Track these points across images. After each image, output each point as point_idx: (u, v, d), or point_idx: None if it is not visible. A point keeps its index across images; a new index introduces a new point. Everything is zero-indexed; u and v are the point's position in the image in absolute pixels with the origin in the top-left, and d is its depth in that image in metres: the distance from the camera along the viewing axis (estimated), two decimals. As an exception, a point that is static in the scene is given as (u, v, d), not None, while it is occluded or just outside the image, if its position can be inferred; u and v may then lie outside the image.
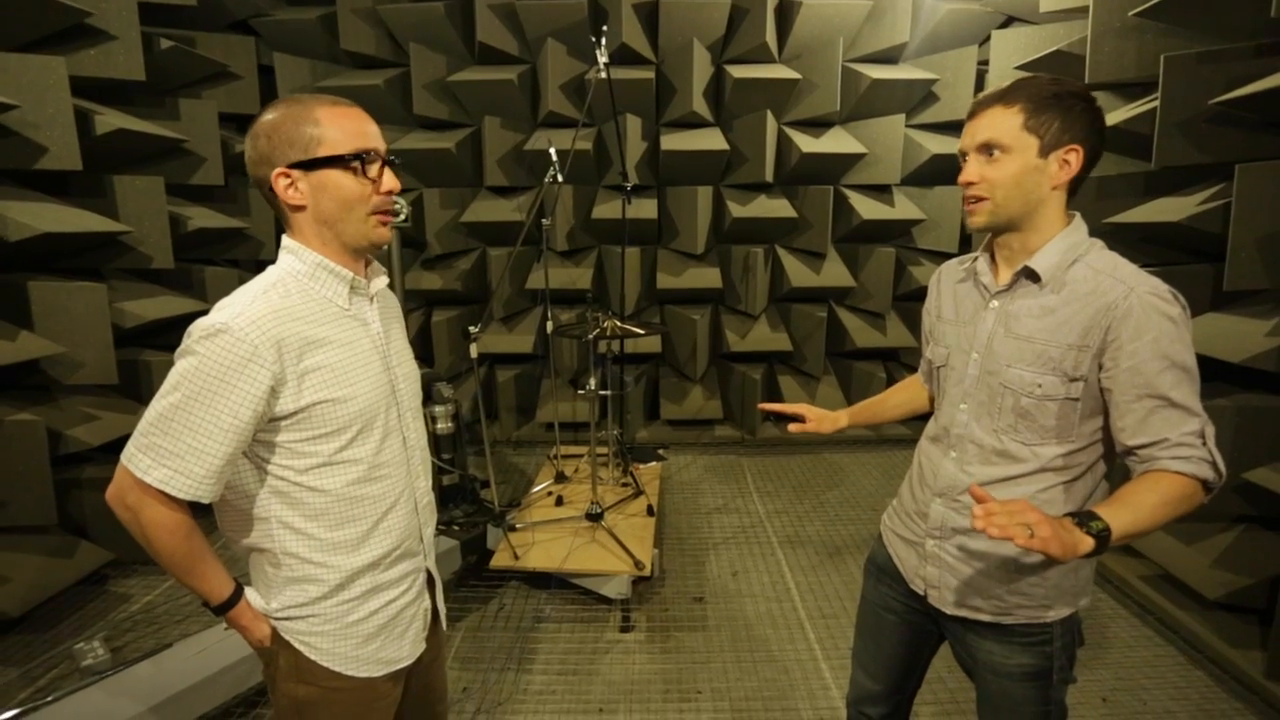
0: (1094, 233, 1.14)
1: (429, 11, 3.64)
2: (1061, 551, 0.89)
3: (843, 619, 2.54)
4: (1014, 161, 1.08)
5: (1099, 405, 1.09)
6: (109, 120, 2.63)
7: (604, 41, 2.78)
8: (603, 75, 2.84)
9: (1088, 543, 0.92)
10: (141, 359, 2.89)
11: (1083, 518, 0.95)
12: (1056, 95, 1.06)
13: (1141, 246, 2.59)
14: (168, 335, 3.09)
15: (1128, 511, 0.97)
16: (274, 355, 0.96)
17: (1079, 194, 1.15)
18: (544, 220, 3.07)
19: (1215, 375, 2.33)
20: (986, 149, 1.10)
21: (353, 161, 1.02)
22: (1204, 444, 1.02)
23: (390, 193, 1.06)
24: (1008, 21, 3.66)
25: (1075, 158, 1.07)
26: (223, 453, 0.96)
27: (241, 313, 0.96)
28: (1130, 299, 1.03)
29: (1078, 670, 2.18)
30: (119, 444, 2.91)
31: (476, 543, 2.76)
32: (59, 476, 2.48)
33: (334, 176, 1.02)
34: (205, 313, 1.01)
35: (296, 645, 1.09)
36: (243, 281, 1.06)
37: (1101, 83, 2.68)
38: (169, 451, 0.95)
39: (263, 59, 3.63)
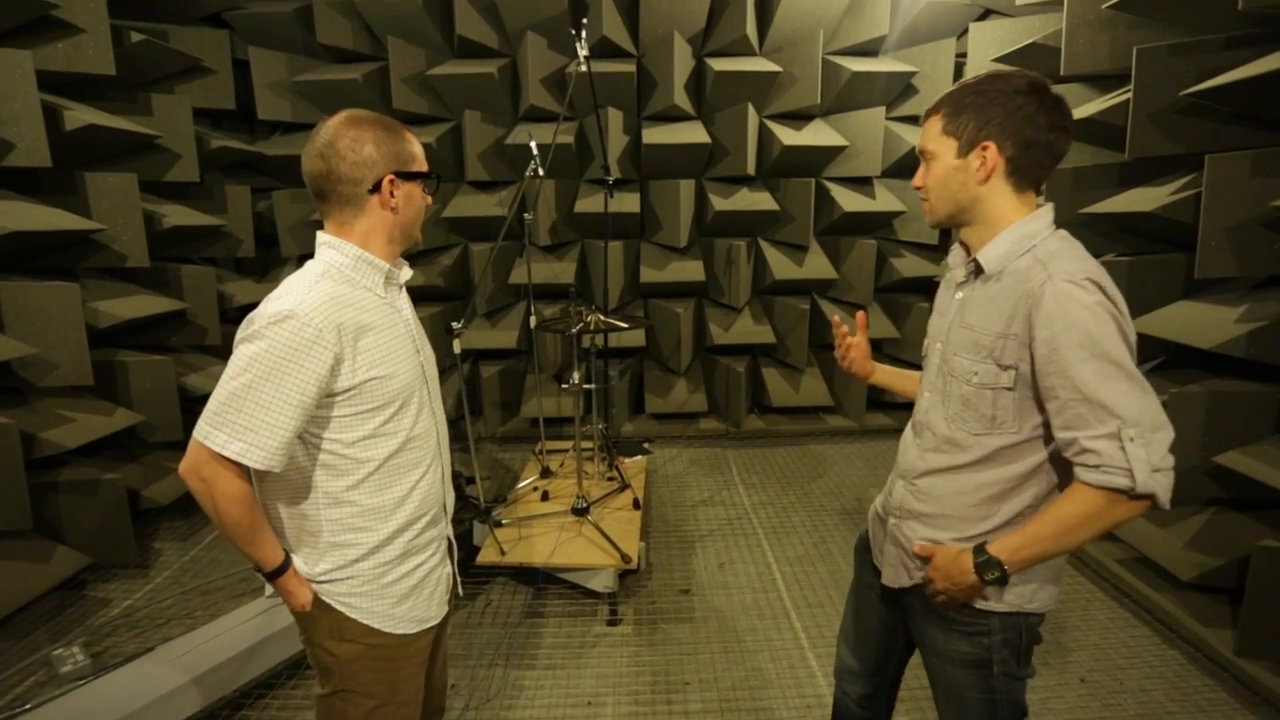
0: (1069, 223, 1.16)
1: (407, 4, 3.59)
2: (965, 597, 1.15)
3: (828, 608, 2.57)
4: (939, 166, 1.15)
5: (1039, 398, 1.08)
6: (79, 115, 2.58)
7: (584, 34, 2.77)
8: (583, 68, 2.82)
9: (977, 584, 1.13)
10: (117, 359, 2.84)
11: (981, 566, 1.11)
12: (978, 93, 1.09)
13: (1117, 236, 2.64)
14: (144, 335, 3.04)
15: (1021, 538, 1.09)
16: (335, 337, 1.08)
17: (1054, 183, 1.16)
18: (526, 215, 3.06)
19: (1187, 361, 2.38)
20: (922, 156, 1.19)
21: (429, 178, 1.23)
22: (1121, 448, 0.98)
23: (429, 204, 1.27)
24: (985, 14, 3.70)
25: (989, 154, 1.08)
26: (292, 426, 1.07)
27: (303, 299, 1.07)
28: (1045, 286, 1.02)
29: (1057, 654, 2.22)
30: (95, 446, 2.89)
31: (463, 539, 2.75)
32: (34, 480, 2.43)
33: (418, 190, 1.21)
34: (183, 313, 1.03)
35: (337, 606, 1.19)
36: (221, 280, 1.09)
37: (1076, 75, 2.72)
38: (244, 427, 1.04)
39: (237, 53, 3.57)
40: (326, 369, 1.07)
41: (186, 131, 3.13)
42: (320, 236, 1.19)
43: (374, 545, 1.19)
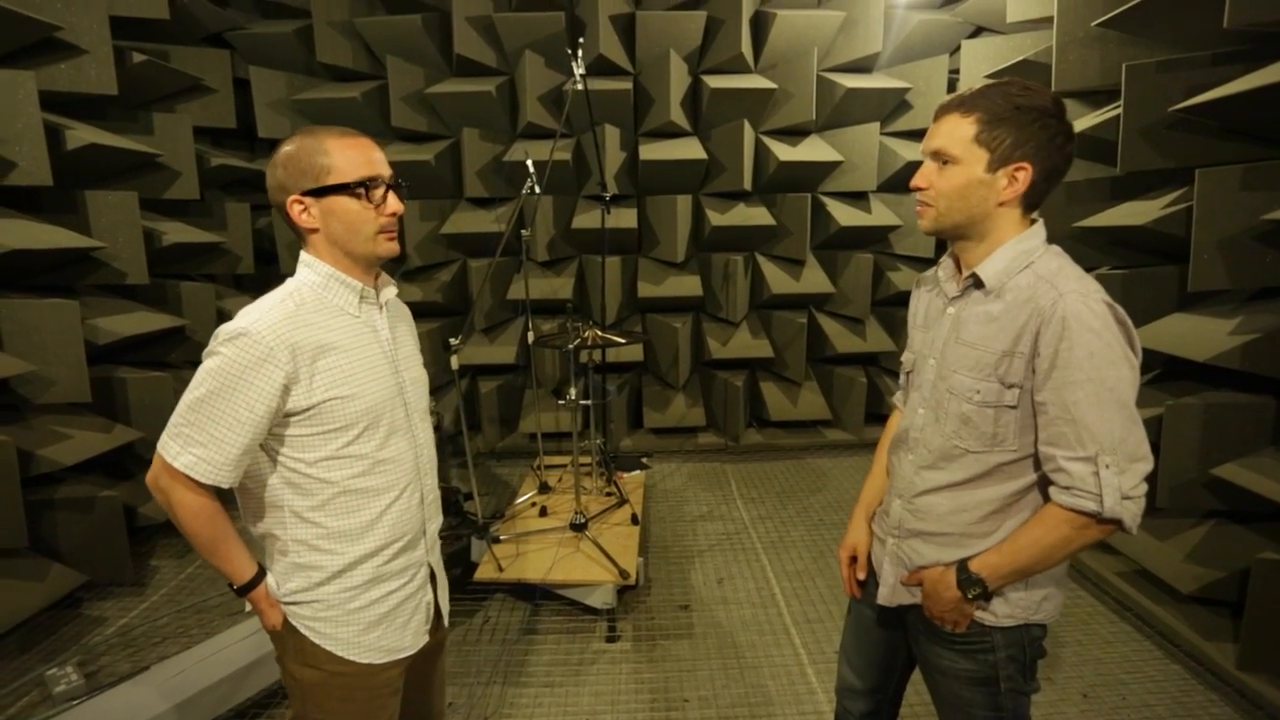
0: (1063, 237, 1.15)
1: (406, 24, 3.64)
2: (954, 616, 1.16)
3: (828, 623, 2.56)
4: (961, 174, 1.08)
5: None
6: (80, 135, 2.60)
7: (581, 53, 2.80)
8: (580, 86, 2.86)
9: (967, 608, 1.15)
10: (116, 376, 2.84)
11: (963, 583, 1.13)
12: (1017, 109, 1.04)
13: (1110, 249, 2.65)
14: (143, 352, 3.04)
15: (999, 556, 1.11)
16: (287, 356, 1.06)
17: (1048, 199, 1.16)
18: (523, 231, 3.08)
19: (1182, 374, 2.39)
20: (939, 157, 1.10)
21: (358, 188, 1.12)
22: (1095, 473, 1.00)
23: (394, 215, 1.17)
24: (977, 31, 3.75)
25: (1024, 175, 1.05)
26: (240, 443, 1.05)
27: (260, 318, 1.06)
28: (1057, 305, 1.01)
29: (1059, 669, 2.21)
30: (92, 464, 2.88)
31: (460, 555, 2.74)
32: (30, 497, 2.43)
33: (342, 202, 1.12)
34: (181, 330, 1.04)
35: (302, 630, 1.16)
36: (220, 297, 1.10)
37: (1067, 90, 2.75)
38: (195, 440, 1.05)
39: (238, 72, 3.61)
40: (276, 388, 1.05)
41: (187, 150, 3.16)
42: (301, 255, 1.18)
43: (339, 569, 1.15)
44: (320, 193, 1.11)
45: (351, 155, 1.12)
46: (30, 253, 2.39)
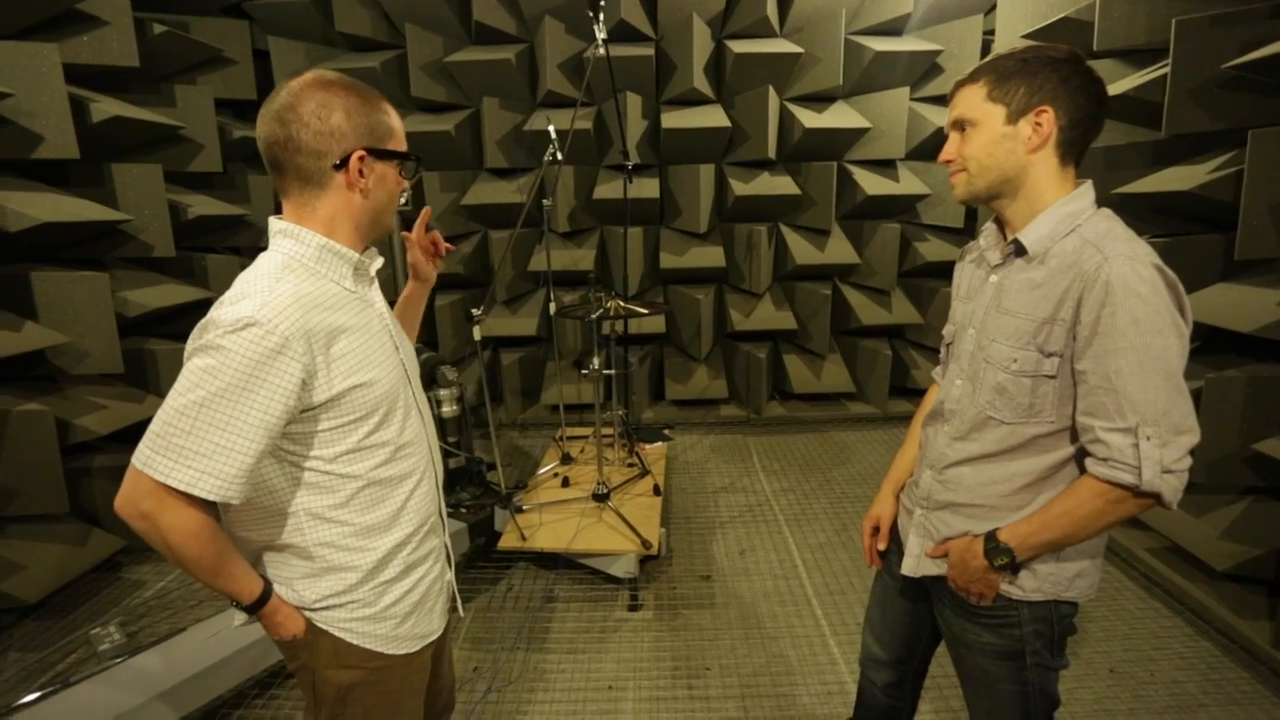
0: (1102, 203, 1.10)
1: (424, -10, 3.59)
2: (979, 586, 1.15)
3: (849, 595, 2.56)
4: (983, 132, 1.08)
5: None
6: (105, 108, 2.61)
7: (602, 18, 2.74)
8: (601, 53, 2.79)
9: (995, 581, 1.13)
10: (146, 348, 2.90)
11: (990, 552, 1.11)
12: (1023, 62, 1.05)
13: (1151, 217, 2.55)
14: (172, 324, 3.09)
15: (1029, 526, 1.08)
16: (304, 346, 0.93)
17: (1085, 162, 1.12)
18: (545, 201, 3.05)
19: (1225, 345, 2.31)
20: (959, 126, 1.12)
21: (408, 160, 1.07)
22: (1134, 444, 0.97)
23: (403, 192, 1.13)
24: (1014, -11, 3.58)
25: (1046, 119, 1.04)
26: (254, 450, 0.92)
27: (266, 302, 0.92)
28: (1101, 269, 0.98)
29: (1085, 644, 2.18)
30: (127, 432, 2.95)
31: (484, 525, 2.77)
32: (69, 466, 2.50)
33: (392, 171, 1.06)
34: (209, 302, 1.00)
35: (336, 633, 1.08)
36: (245, 269, 1.04)
37: (1110, 49, 2.63)
38: (194, 451, 0.90)
39: (257, 43, 3.59)
40: (295, 384, 0.92)
41: (209, 122, 3.16)
42: (274, 224, 1.02)
43: (372, 565, 1.08)
44: (382, 155, 1.02)
45: (399, 124, 1.06)
46: (61, 225, 2.42)
